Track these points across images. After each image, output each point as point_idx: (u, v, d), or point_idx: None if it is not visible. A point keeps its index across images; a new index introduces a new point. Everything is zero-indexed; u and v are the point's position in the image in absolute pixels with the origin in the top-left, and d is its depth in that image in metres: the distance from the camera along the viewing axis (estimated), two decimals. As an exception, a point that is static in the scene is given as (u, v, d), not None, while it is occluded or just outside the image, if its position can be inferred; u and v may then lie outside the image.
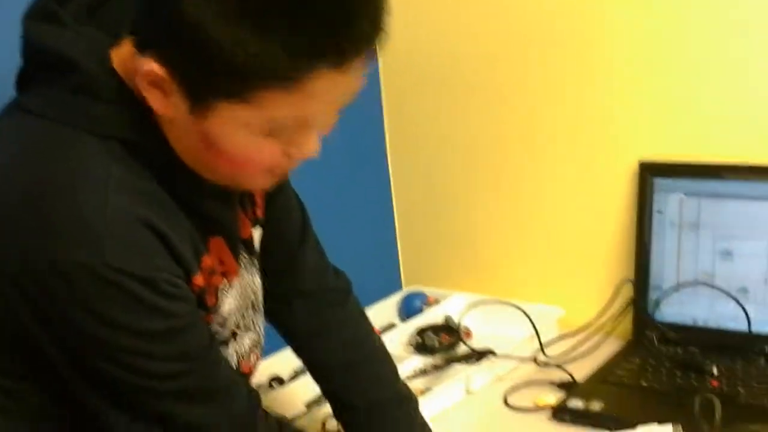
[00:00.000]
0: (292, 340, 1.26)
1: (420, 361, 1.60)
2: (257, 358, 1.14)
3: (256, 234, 1.11)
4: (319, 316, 1.24)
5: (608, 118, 1.64)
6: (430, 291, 1.86)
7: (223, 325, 1.03)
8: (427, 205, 1.92)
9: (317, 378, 1.26)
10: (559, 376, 1.52)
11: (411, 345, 1.68)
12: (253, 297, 1.10)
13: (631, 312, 1.63)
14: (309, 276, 1.23)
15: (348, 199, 1.85)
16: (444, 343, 1.66)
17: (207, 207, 0.97)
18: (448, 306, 1.78)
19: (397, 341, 1.69)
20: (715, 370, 1.46)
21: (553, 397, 1.46)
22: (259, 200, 1.11)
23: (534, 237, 1.78)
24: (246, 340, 1.09)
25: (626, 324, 1.64)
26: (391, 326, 1.78)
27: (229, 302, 1.03)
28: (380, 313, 1.81)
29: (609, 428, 1.13)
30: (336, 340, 1.24)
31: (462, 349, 1.64)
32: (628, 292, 1.64)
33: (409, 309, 1.82)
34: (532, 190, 1.76)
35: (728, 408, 1.15)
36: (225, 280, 1.02)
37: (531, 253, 1.79)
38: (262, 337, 1.13)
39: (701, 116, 1.55)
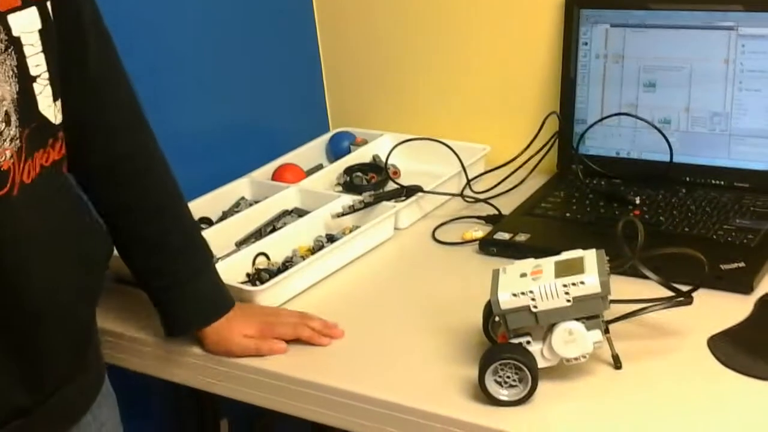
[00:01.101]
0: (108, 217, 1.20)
1: (348, 200, 1.60)
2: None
3: (26, 15, 1.00)
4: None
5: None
6: (357, 132, 1.84)
7: None
8: (353, 45, 1.88)
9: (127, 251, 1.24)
10: (486, 210, 1.54)
11: (339, 184, 1.68)
12: None
13: (557, 146, 1.64)
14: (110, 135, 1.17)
15: (273, 41, 1.81)
16: (372, 182, 1.66)
17: None
18: (376, 146, 1.78)
19: (325, 181, 1.68)
20: (637, 200, 1.49)
21: (480, 231, 1.48)
22: None
23: (460, 74, 1.77)
24: None
25: (551, 158, 1.65)
26: (318, 167, 1.77)
27: None
28: (308, 154, 1.80)
29: (535, 256, 1.15)
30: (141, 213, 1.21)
31: (390, 187, 1.64)
32: (553, 126, 1.64)
33: (336, 149, 1.81)
34: (457, 26, 1.74)
35: (650, 236, 1.18)
36: None
37: (457, 90, 1.78)
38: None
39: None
